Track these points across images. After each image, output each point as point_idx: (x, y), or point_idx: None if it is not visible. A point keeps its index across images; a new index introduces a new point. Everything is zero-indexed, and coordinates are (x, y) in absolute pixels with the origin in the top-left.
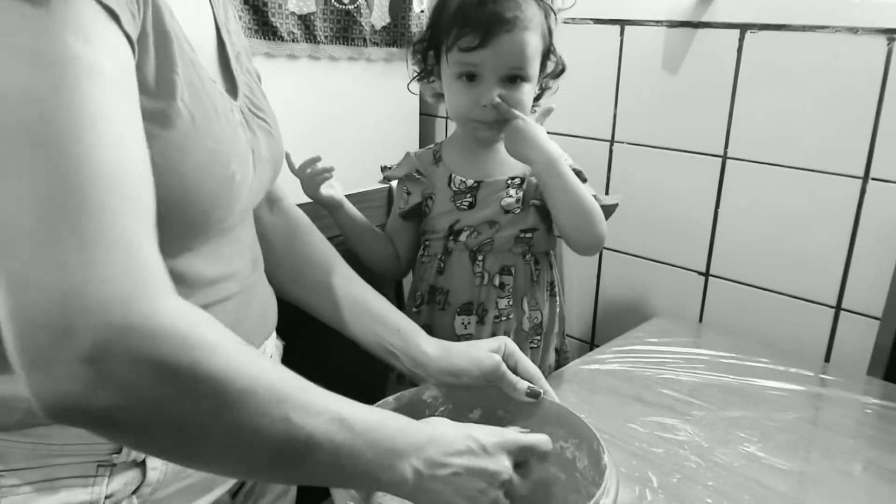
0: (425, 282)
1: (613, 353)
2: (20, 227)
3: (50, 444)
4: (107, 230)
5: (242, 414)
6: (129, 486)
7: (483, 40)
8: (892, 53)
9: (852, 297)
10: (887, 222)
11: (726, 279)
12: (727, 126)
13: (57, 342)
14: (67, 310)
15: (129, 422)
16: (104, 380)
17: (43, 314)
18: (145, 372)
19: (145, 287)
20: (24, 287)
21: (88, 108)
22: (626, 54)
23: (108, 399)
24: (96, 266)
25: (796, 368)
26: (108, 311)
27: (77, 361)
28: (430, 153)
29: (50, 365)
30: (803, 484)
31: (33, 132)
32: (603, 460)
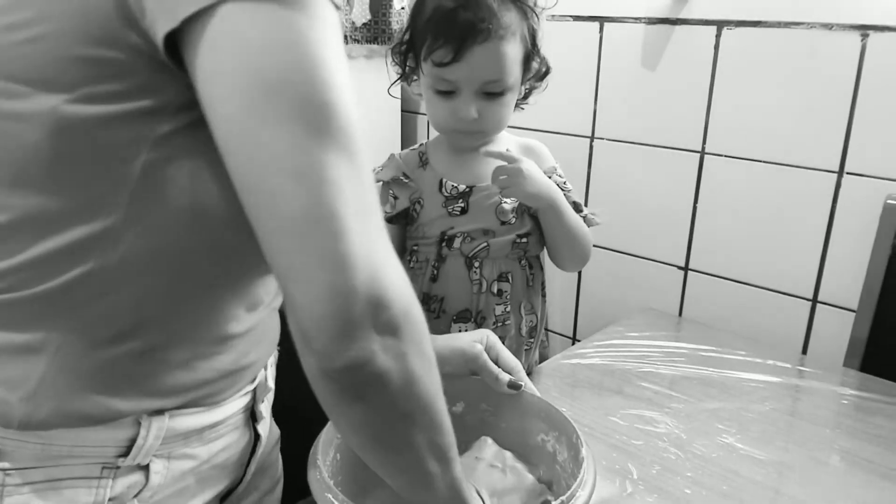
0: (417, 289)
1: (594, 347)
2: (344, 217)
3: (59, 444)
4: (382, 223)
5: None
6: (132, 489)
7: (456, 55)
8: (865, 49)
9: (828, 290)
10: (862, 216)
11: (705, 273)
12: (705, 122)
13: (369, 311)
14: (379, 285)
15: (392, 388)
16: (392, 348)
17: (362, 287)
18: (416, 346)
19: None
20: (351, 265)
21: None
22: (606, 51)
23: (389, 364)
24: (385, 255)
25: (774, 360)
26: (403, 288)
27: (379, 329)
28: (415, 155)
29: (359, 329)
30: (781, 474)
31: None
32: (581, 453)
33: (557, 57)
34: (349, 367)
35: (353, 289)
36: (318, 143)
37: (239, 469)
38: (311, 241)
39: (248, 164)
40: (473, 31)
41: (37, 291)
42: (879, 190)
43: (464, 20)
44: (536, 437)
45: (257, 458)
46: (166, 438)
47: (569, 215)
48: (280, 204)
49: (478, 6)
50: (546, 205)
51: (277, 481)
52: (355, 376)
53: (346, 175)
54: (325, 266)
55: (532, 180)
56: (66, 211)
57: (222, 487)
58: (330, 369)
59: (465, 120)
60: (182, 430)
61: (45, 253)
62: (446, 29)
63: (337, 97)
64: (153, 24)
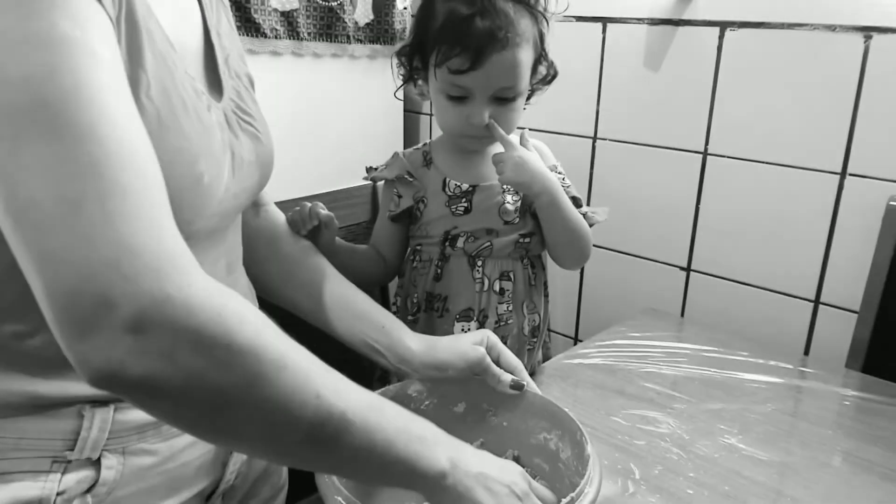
0: (420, 288)
1: (597, 347)
2: (45, 208)
3: (4, 437)
4: (129, 208)
5: (277, 388)
6: (82, 483)
7: (474, 63)
8: (868, 51)
9: (831, 291)
10: (864, 217)
11: (707, 274)
12: (708, 123)
13: (99, 312)
14: (106, 281)
15: (167, 390)
16: (145, 348)
17: (83, 287)
18: (183, 341)
19: (175, 261)
20: (60, 263)
21: (90, 88)
22: (609, 52)
23: (147, 367)
24: (126, 241)
25: (776, 361)
26: (142, 282)
27: (119, 330)
28: (419, 154)
29: (93, 334)
30: (782, 474)
31: (39, 116)
32: (586, 451)
33: (560, 57)
34: (101, 379)
35: (72, 288)
36: (11, 125)
37: (217, 468)
38: (19, 239)
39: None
40: (492, 39)
41: None
42: (882, 191)
43: (482, 28)
44: (539, 436)
45: (242, 458)
46: (115, 431)
47: (567, 209)
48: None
49: (495, 13)
50: (542, 194)
51: (280, 489)
52: (116, 385)
53: (49, 159)
54: (36, 264)
55: (528, 165)
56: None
57: (199, 488)
58: (87, 380)
59: (478, 126)
60: (133, 423)
61: None
62: (463, 37)
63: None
64: None
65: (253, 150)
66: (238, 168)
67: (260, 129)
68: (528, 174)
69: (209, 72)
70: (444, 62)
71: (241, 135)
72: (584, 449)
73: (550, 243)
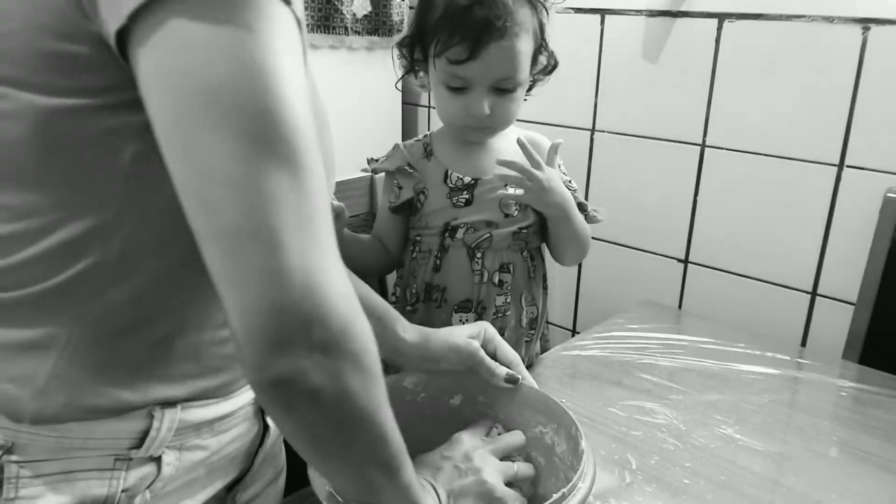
0: (419, 279)
1: (594, 339)
2: (284, 233)
3: (73, 437)
4: (327, 238)
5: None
6: (144, 480)
7: (472, 53)
8: (866, 42)
9: (828, 283)
10: (862, 209)
11: (705, 266)
12: (706, 114)
13: (302, 329)
14: (314, 303)
15: (324, 403)
16: (325, 366)
17: (295, 305)
18: (350, 363)
19: (348, 291)
20: (283, 282)
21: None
22: (607, 43)
23: (321, 381)
24: (328, 269)
25: (773, 353)
26: (338, 307)
27: (312, 347)
28: (420, 146)
29: (291, 347)
30: (779, 465)
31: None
32: (581, 445)
33: (559, 49)
34: (278, 382)
35: (286, 305)
36: (254, 152)
37: (247, 460)
38: (244, 254)
39: (183, 168)
40: (490, 28)
41: (39, 289)
42: (879, 183)
43: (480, 18)
44: (534, 430)
45: (265, 449)
46: (179, 430)
47: (577, 220)
48: (213, 213)
49: (494, 3)
50: (557, 217)
51: (281, 471)
52: (284, 391)
53: (286, 187)
54: (257, 280)
55: (552, 192)
56: (61, 207)
57: (230, 478)
58: (259, 381)
59: (478, 116)
60: (194, 421)
61: (44, 251)
62: (462, 26)
63: (280, 105)
64: (106, 21)
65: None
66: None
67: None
68: (550, 199)
69: None
70: (443, 52)
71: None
72: (578, 444)
73: (554, 246)
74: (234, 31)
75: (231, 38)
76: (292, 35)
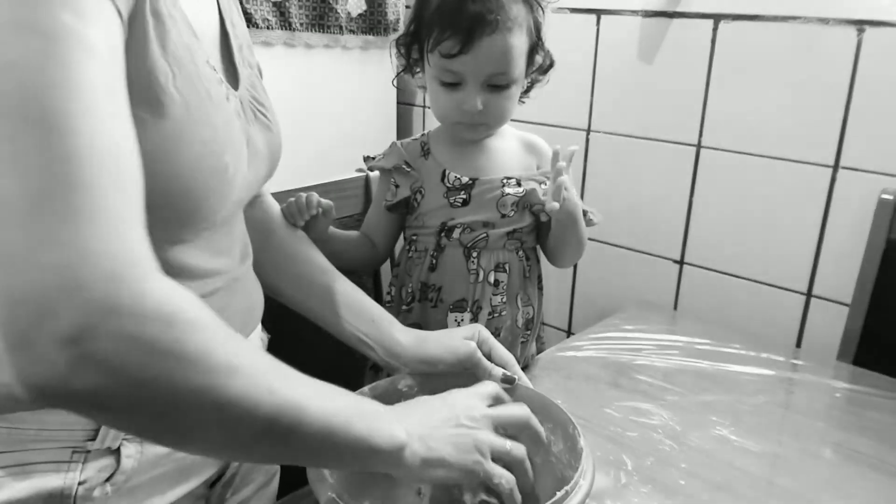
0: (415, 278)
1: (590, 339)
2: (5, 201)
3: (25, 429)
4: (95, 207)
5: (229, 391)
6: (102, 472)
7: (464, 46)
8: (861, 44)
9: (822, 284)
10: (856, 210)
11: (700, 267)
12: (701, 115)
13: (37, 322)
14: (50, 288)
15: (115, 403)
16: (87, 361)
17: (25, 292)
18: (132, 353)
19: (133, 267)
20: (8, 263)
21: (78, 82)
22: (603, 44)
23: (92, 380)
24: (83, 243)
25: (768, 354)
26: (93, 290)
27: (58, 342)
28: (417, 145)
29: (31, 345)
30: (774, 465)
31: (20, 104)
32: (579, 444)
33: (554, 49)
34: (43, 395)
35: (16, 292)
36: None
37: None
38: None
39: None
40: (481, 22)
41: None
42: (874, 184)
43: (472, 11)
44: None
45: None
46: None
47: (582, 231)
48: None
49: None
50: (572, 221)
51: (273, 476)
52: (60, 401)
53: (17, 150)
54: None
55: (571, 201)
56: None
57: (207, 475)
58: (28, 397)
59: (471, 112)
60: None
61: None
62: (454, 20)
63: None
64: None
65: (265, 140)
66: (253, 157)
67: (271, 120)
68: (570, 206)
69: (225, 61)
70: (436, 46)
71: (255, 124)
72: (576, 442)
73: (553, 249)
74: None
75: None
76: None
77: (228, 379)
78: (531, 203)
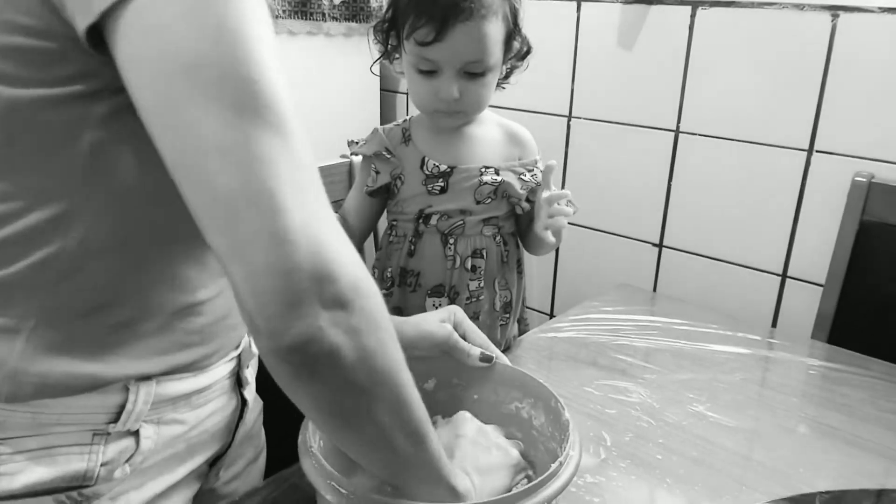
0: (395, 263)
1: (571, 321)
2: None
3: (49, 413)
4: (324, 196)
5: (406, 379)
6: (123, 454)
7: (438, 34)
8: (835, 30)
9: (797, 266)
10: (830, 193)
11: (679, 250)
12: (679, 101)
13: (313, 287)
14: (322, 260)
15: (345, 364)
16: (342, 322)
17: (304, 263)
18: (366, 321)
19: (353, 249)
20: (290, 241)
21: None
22: (583, 31)
23: (339, 340)
24: (331, 227)
25: (744, 333)
26: (348, 262)
27: (325, 304)
28: (399, 131)
29: (302, 305)
30: (750, 440)
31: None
32: (563, 416)
33: (535, 36)
34: (297, 345)
35: (295, 265)
36: (243, 119)
37: (227, 435)
38: (246, 220)
39: (174, 145)
40: (455, 10)
41: (3, 275)
42: (847, 167)
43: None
44: (510, 406)
45: (245, 425)
46: (155, 404)
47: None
48: (210, 184)
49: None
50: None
51: (261, 450)
52: (305, 354)
53: (278, 150)
54: (262, 244)
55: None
56: (25, 195)
57: (211, 453)
58: (278, 349)
59: (447, 100)
60: (170, 395)
61: (6, 237)
62: (428, 8)
63: (260, 72)
64: (73, 17)
65: None
66: None
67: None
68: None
69: None
70: (411, 34)
71: None
72: (560, 414)
73: (530, 241)
74: (205, 5)
75: (204, 11)
76: (260, 3)
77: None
78: (508, 193)
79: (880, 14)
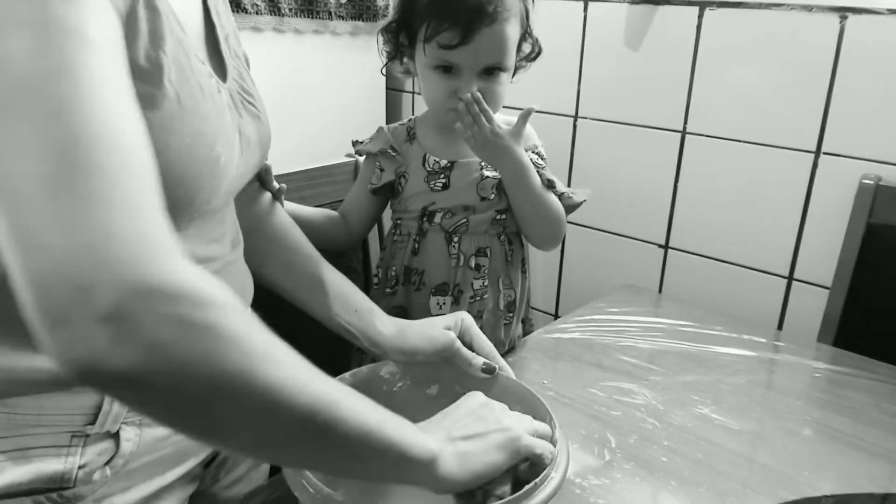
0: (399, 262)
1: (575, 322)
2: (25, 187)
3: (24, 413)
4: (108, 189)
5: (268, 378)
6: (102, 456)
7: (464, 38)
8: (844, 31)
9: (804, 268)
10: (837, 196)
11: (685, 251)
12: (686, 102)
13: (76, 299)
14: (84, 268)
15: (154, 382)
16: (126, 338)
17: (58, 273)
18: (170, 331)
19: (157, 248)
20: (36, 245)
21: (79, 72)
22: (590, 31)
23: (132, 359)
24: (107, 225)
25: (750, 336)
26: (122, 269)
27: (97, 319)
28: (403, 129)
29: (70, 323)
30: (754, 443)
31: (23, 94)
32: (553, 435)
33: (542, 36)
34: (82, 373)
35: (48, 272)
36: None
37: None
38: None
39: None
40: (481, 14)
41: None
42: (854, 170)
43: (471, 3)
44: None
45: None
46: None
47: (535, 190)
48: None
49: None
50: (509, 178)
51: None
52: (98, 381)
53: (33, 134)
54: (12, 247)
55: (501, 148)
56: None
57: (204, 455)
58: (69, 375)
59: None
60: None
61: None
62: (453, 11)
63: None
64: None
65: (255, 129)
66: (245, 147)
67: (260, 109)
68: (498, 152)
69: (212, 52)
70: (434, 37)
71: (245, 115)
72: (552, 434)
73: (519, 222)
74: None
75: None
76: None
77: (265, 365)
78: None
79: (889, 16)
